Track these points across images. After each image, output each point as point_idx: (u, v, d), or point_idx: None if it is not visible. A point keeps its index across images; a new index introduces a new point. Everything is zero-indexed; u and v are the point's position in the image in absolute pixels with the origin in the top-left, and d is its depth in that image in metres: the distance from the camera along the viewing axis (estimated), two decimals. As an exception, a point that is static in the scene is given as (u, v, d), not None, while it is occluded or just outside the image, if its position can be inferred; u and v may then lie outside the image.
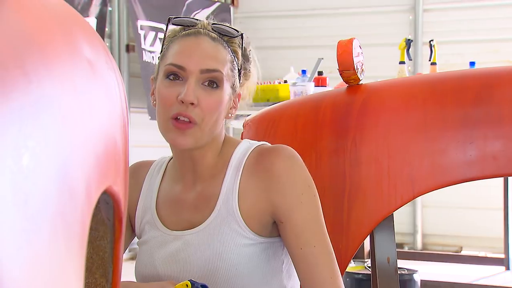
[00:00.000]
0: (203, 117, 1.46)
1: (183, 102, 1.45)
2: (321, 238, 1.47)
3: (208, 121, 1.47)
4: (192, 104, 1.45)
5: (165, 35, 1.56)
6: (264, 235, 1.50)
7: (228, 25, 1.55)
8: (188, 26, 1.53)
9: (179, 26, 1.55)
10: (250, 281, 1.49)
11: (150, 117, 6.01)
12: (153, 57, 6.20)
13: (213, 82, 1.48)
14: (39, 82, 0.55)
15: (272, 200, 1.48)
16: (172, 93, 1.47)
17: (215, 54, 1.49)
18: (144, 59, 6.19)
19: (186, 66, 1.47)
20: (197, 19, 1.54)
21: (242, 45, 1.55)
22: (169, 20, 1.56)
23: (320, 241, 1.47)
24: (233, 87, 1.52)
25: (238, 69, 1.54)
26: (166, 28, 1.56)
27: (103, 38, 5.90)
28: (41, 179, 0.52)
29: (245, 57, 1.57)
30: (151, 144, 5.81)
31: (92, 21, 5.81)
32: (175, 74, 1.48)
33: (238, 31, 1.54)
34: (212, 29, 1.52)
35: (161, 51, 1.55)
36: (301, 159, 1.50)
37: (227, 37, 1.52)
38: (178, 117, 1.45)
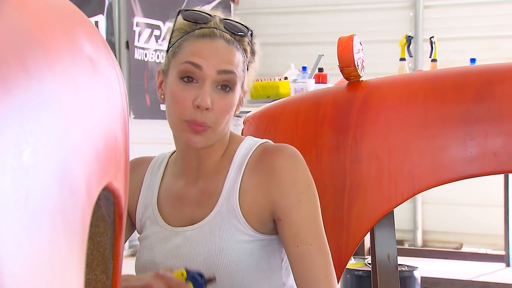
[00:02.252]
0: (215, 120, 1.47)
1: (198, 107, 1.45)
2: (318, 237, 1.47)
3: (220, 123, 1.48)
4: (207, 109, 1.45)
5: (173, 28, 1.54)
6: (264, 232, 1.51)
7: (239, 21, 1.53)
8: (200, 23, 1.51)
9: (190, 22, 1.52)
10: (250, 277, 1.49)
11: (133, 116, 6.04)
12: (146, 54, 6.20)
13: (226, 86, 1.48)
14: (40, 78, 0.55)
15: (272, 198, 1.48)
16: (188, 96, 1.46)
17: (231, 58, 1.48)
18: (135, 57, 6.21)
19: (203, 66, 1.46)
20: (210, 15, 1.51)
21: (251, 42, 1.54)
22: (179, 12, 1.54)
23: (317, 240, 1.47)
24: (242, 85, 1.52)
25: (247, 67, 1.54)
26: (175, 20, 1.54)
27: (111, 37, 5.90)
28: (41, 175, 0.52)
29: (252, 53, 1.56)
30: (151, 141, 5.81)
31: (101, 19, 5.82)
32: (189, 77, 1.47)
33: (248, 28, 1.53)
34: (224, 27, 1.50)
35: (170, 44, 1.53)
36: (303, 159, 1.50)
37: (239, 36, 1.51)
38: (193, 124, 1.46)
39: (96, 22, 5.77)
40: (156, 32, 6.33)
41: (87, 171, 0.60)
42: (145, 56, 6.19)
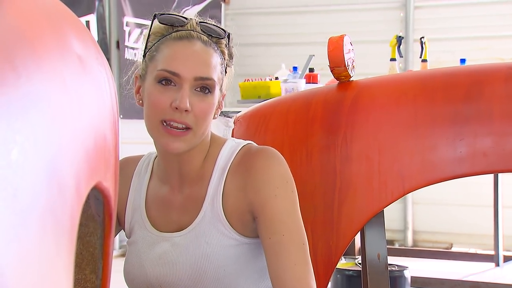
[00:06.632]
0: (196, 122, 1.45)
1: (177, 109, 1.44)
2: (291, 228, 1.44)
3: (201, 126, 1.46)
4: (186, 110, 1.44)
5: (149, 32, 1.53)
6: (248, 235, 1.50)
7: (215, 24, 1.53)
8: (176, 26, 1.50)
9: (166, 25, 1.51)
10: (238, 281, 1.49)
11: (121, 116, 6.04)
12: (135, 54, 6.20)
13: (205, 88, 1.47)
14: (28, 77, 0.55)
15: (249, 197, 1.47)
16: (166, 99, 1.45)
17: (208, 60, 1.47)
18: (125, 57, 6.20)
19: (181, 73, 1.45)
20: (185, 18, 1.51)
21: (228, 45, 1.54)
22: (154, 16, 1.53)
23: (289, 231, 1.44)
24: (220, 88, 1.52)
25: (225, 69, 1.53)
26: (151, 24, 1.54)
27: (103, 36, 5.89)
28: (30, 174, 0.51)
29: (230, 56, 1.56)
30: (141, 141, 5.79)
31: (92, 19, 5.81)
32: (168, 79, 1.47)
33: (225, 31, 1.53)
34: (201, 29, 1.50)
35: (147, 49, 1.52)
36: (283, 158, 1.49)
37: (216, 38, 1.51)
38: (171, 123, 1.45)
39: (88, 22, 5.76)
40: (146, 32, 6.34)
41: (76, 170, 0.60)
42: (135, 56, 6.19)
